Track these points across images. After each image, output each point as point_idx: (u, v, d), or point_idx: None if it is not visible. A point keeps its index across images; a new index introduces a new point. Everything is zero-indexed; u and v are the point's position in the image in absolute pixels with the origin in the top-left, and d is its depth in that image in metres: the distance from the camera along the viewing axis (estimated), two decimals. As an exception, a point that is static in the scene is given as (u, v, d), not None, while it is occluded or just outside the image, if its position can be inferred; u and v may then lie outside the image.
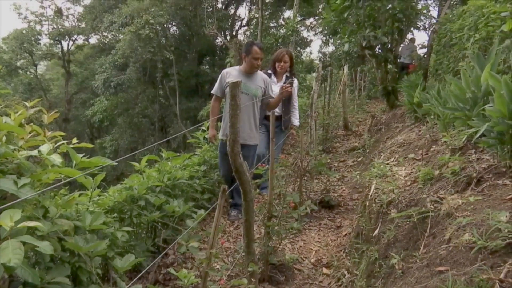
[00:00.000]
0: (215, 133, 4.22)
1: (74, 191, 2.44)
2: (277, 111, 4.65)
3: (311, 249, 3.67)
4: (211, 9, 21.04)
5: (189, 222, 2.85)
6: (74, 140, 2.08)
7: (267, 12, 22.48)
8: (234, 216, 4.27)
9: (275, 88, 4.51)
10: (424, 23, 8.90)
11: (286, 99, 4.65)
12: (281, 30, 19.50)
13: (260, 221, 3.37)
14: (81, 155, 1.98)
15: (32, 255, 1.81)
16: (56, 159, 1.72)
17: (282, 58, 4.66)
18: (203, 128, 4.83)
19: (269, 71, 4.76)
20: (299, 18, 20.76)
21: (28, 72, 26.96)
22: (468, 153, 2.76)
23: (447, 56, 5.44)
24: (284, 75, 4.76)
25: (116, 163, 1.73)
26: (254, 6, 24.05)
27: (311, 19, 24.97)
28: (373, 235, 2.92)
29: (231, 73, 4.01)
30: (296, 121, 4.87)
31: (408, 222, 2.51)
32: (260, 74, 4.13)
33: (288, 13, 24.06)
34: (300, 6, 18.40)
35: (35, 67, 27.12)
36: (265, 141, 4.69)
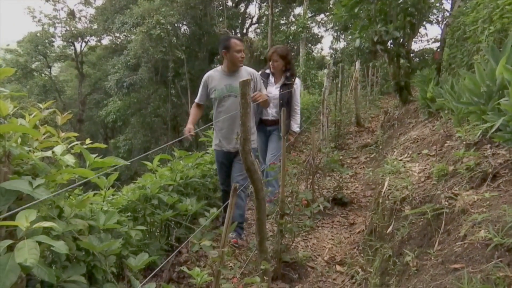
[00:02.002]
0: (191, 128, 3.49)
1: (88, 191, 2.48)
2: (274, 114, 4.27)
3: (324, 246, 3.65)
4: (221, 7, 21.10)
5: (202, 221, 2.86)
6: (88, 141, 2.10)
7: (277, 9, 22.41)
8: (232, 238, 3.66)
9: (272, 90, 4.26)
10: (437, 17, 8.77)
11: (285, 101, 4.24)
12: (291, 27, 19.46)
13: (272, 219, 3.37)
14: (95, 155, 2.01)
15: (49, 254, 1.84)
16: (70, 159, 1.75)
17: (271, 57, 4.28)
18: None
19: (267, 71, 4.39)
20: (309, 15, 20.66)
21: (42, 74, 27.35)
22: (483, 148, 2.71)
23: (460, 50, 5.34)
24: (284, 75, 4.33)
25: (128, 163, 1.75)
26: (264, 4, 24.00)
27: (322, 15, 24.80)
28: (387, 232, 2.90)
29: (214, 76, 3.60)
30: (295, 126, 4.36)
31: (422, 219, 2.49)
32: (245, 69, 3.62)
33: (298, 10, 24.00)
34: (311, 2, 18.32)
35: (49, 69, 27.49)
36: (264, 151, 4.34)
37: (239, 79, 3.33)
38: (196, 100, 3.73)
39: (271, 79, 4.37)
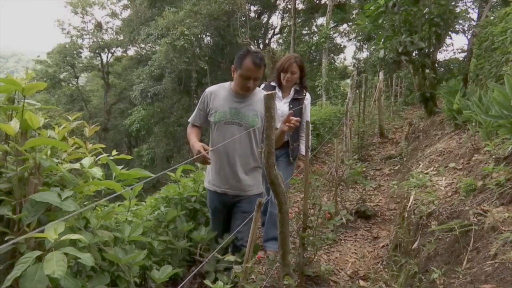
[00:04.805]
0: (202, 145, 2.53)
1: (112, 200, 2.52)
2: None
3: (347, 260, 3.59)
4: (244, 18, 21.30)
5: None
6: (114, 152, 2.14)
7: (299, 20, 22.52)
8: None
9: (281, 106, 3.63)
10: (463, 26, 8.61)
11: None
12: (314, 37, 19.47)
13: (295, 232, 3.34)
14: (121, 167, 2.05)
15: (74, 264, 1.87)
16: (97, 172, 1.78)
17: (288, 68, 3.60)
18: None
19: (273, 83, 3.76)
20: (332, 25, 20.63)
21: (70, 84, 28.27)
22: (514, 163, 2.63)
23: (488, 61, 5.23)
24: (293, 89, 3.73)
25: (153, 176, 1.77)
26: (287, 14, 24.15)
27: (345, 25, 24.75)
28: (412, 247, 2.83)
29: (218, 94, 2.74)
30: (305, 149, 3.51)
31: (449, 235, 2.42)
32: (259, 94, 2.76)
33: (321, 20, 24.02)
34: (333, 12, 18.32)
35: (76, 79, 28.41)
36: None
37: (250, 105, 2.71)
38: (191, 120, 2.86)
39: (278, 93, 3.72)
